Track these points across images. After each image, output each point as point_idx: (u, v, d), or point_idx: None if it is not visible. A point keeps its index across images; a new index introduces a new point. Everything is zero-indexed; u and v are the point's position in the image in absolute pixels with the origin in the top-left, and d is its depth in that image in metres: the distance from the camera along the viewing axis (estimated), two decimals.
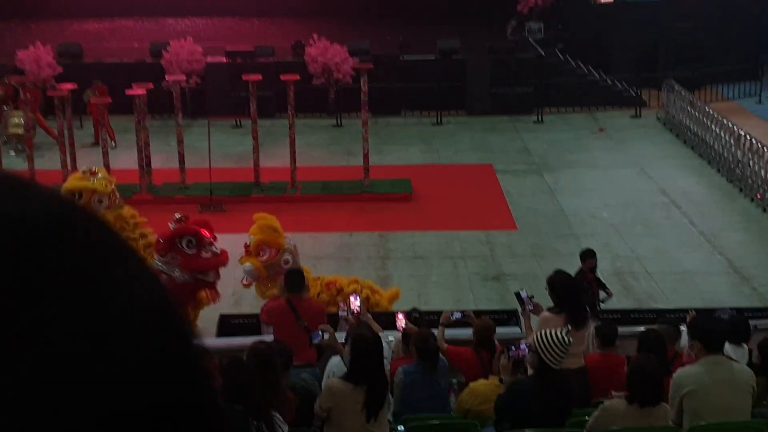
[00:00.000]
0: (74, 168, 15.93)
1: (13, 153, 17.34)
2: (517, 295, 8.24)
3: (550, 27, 23.88)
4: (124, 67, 21.17)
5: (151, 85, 16.71)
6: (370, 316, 8.16)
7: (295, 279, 8.29)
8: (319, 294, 9.76)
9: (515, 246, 13.95)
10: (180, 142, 16.12)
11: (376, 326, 7.59)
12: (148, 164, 16.05)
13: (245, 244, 9.88)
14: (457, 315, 7.94)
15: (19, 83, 17.77)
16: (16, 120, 17.50)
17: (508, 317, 9.42)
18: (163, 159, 16.94)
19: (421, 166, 17.95)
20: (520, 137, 20.01)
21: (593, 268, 10.45)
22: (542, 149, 19.08)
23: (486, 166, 17.99)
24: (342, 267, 12.73)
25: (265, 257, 9.60)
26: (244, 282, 10.02)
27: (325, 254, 13.38)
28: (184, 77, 18.36)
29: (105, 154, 15.74)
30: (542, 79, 21.50)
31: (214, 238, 9.95)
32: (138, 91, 15.97)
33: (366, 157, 16.16)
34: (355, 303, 8.06)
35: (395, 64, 21.55)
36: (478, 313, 8.54)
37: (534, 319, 7.95)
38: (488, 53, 22.16)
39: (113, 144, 17.47)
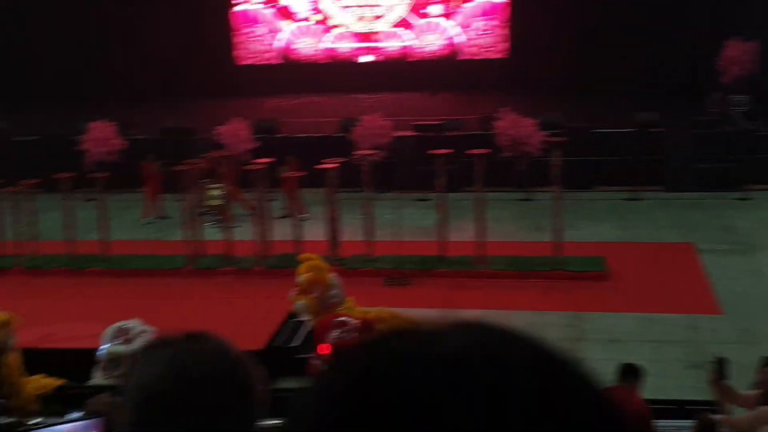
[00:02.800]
0: (269, 239, 16.73)
1: (210, 224, 18.39)
2: (721, 361, 7.68)
3: (756, 99, 23.11)
4: (316, 141, 22.10)
5: (341, 159, 17.41)
6: None
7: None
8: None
9: (721, 331, 13.37)
10: (368, 215, 16.60)
11: None
12: (337, 236, 16.58)
13: (296, 283, 10.89)
14: None
15: (219, 157, 18.95)
16: (215, 192, 18.60)
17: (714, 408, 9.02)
18: (351, 231, 17.47)
19: (615, 243, 17.63)
20: (724, 214, 19.33)
21: None
22: (749, 227, 18.34)
23: (686, 244, 17.45)
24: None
25: (314, 294, 10.65)
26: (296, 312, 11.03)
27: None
28: (373, 151, 18.95)
29: (297, 226, 16.43)
30: (749, 153, 20.77)
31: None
32: (329, 165, 16.66)
33: (557, 232, 16.07)
34: None
35: (588, 137, 21.42)
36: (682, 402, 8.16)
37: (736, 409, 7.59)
38: (691, 126, 21.65)
39: (304, 216, 18.18)
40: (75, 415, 7.47)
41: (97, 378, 9.44)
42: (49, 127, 23.96)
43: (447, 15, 27.96)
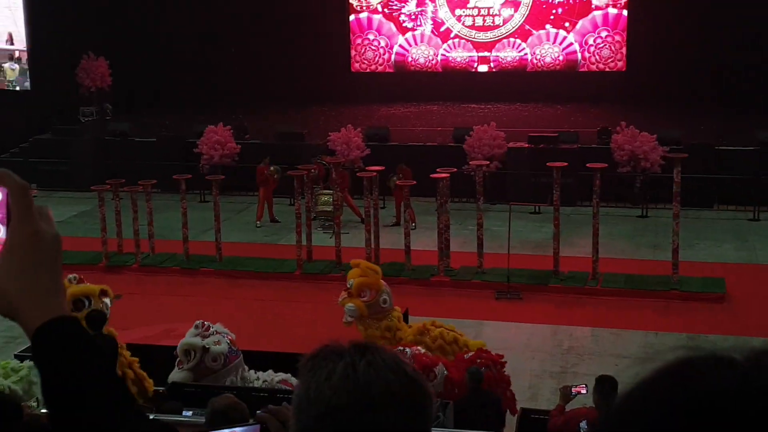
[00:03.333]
0: (377, 246, 16.78)
1: (320, 229, 18.58)
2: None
3: None
4: (428, 149, 22.09)
5: (454, 169, 17.35)
6: None
7: None
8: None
9: None
10: (479, 226, 16.49)
11: None
12: (447, 247, 16.53)
13: (347, 287, 10.85)
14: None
15: (331, 163, 19.12)
16: (326, 198, 18.80)
17: None
18: (461, 242, 17.37)
19: (736, 264, 17.06)
20: None
21: None
22: None
23: None
24: (646, 368, 12.28)
25: (365, 298, 10.64)
26: (346, 320, 10.85)
27: (627, 353, 13.00)
28: (486, 162, 18.83)
29: (406, 235, 16.45)
30: None
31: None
32: (441, 174, 16.62)
33: (675, 251, 15.63)
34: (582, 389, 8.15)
35: (708, 154, 20.81)
36: None
37: None
38: None
39: (413, 225, 18.18)
40: (189, 415, 7.57)
41: (174, 372, 9.55)
42: (168, 130, 24.61)
43: (565, 26, 27.62)
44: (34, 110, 25.87)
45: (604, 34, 27.43)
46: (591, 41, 27.50)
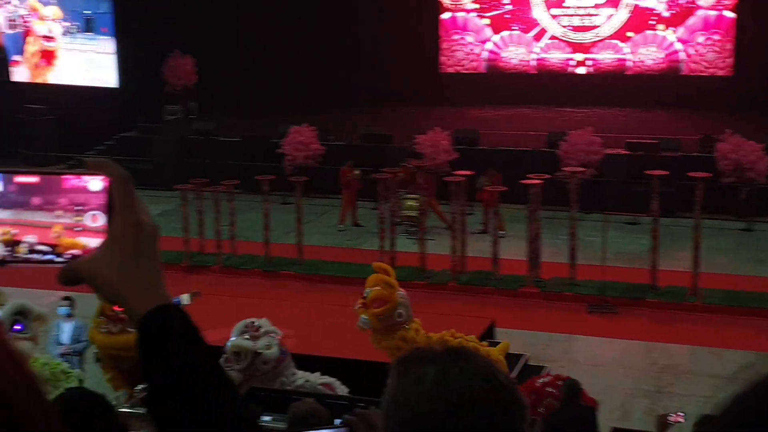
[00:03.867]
0: (464, 254, 16.61)
1: (405, 235, 18.46)
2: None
3: None
4: (520, 154, 21.81)
5: (546, 176, 17.05)
6: None
7: None
8: None
9: None
10: (572, 236, 16.17)
11: None
12: (537, 256, 16.25)
13: (363, 296, 10.59)
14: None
15: (417, 167, 19.00)
16: (411, 203, 18.67)
17: None
18: (552, 252, 17.07)
19: None
20: None
21: None
22: None
23: None
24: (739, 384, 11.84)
25: (379, 310, 10.42)
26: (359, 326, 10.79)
27: (726, 373, 12.54)
28: (581, 168, 18.48)
29: (494, 243, 16.22)
30: None
31: None
32: (533, 181, 16.34)
33: None
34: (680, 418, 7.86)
35: None
36: None
37: None
38: None
39: (503, 233, 17.92)
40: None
41: None
42: (252, 130, 24.82)
43: (668, 28, 27.00)
44: (121, 108, 26.43)
45: (710, 36, 26.72)
46: (696, 44, 26.81)
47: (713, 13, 26.64)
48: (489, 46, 28.43)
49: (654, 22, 27.01)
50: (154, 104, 26.76)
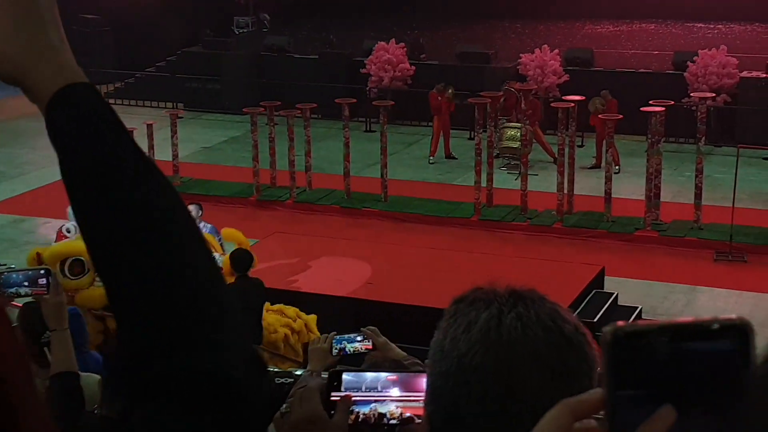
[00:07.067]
0: (571, 192, 16.68)
1: (504, 169, 18.55)
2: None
3: None
4: (641, 77, 21.65)
5: (671, 102, 16.95)
6: None
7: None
8: None
9: None
10: (699, 173, 16.09)
11: None
12: (657, 196, 16.22)
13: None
14: None
15: (521, 91, 19.01)
16: (512, 132, 18.72)
17: None
18: (675, 191, 16.99)
19: None
20: None
21: None
22: None
23: None
24: None
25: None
26: None
27: None
28: (712, 94, 18.31)
29: (607, 179, 16.24)
30: None
31: None
32: (655, 108, 16.26)
33: None
34: None
35: None
36: None
37: None
38: None
39: (617, 168, 17.88)
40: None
41: None
42: (332, 47, 25.00)
43: None
44: (184, 19, 26.83)
45: None
46: None
47: None
48: None
49: None
50: (222, 16, 27.13)
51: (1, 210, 17.75)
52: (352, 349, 4.76)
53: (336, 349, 4.85)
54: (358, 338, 4.76)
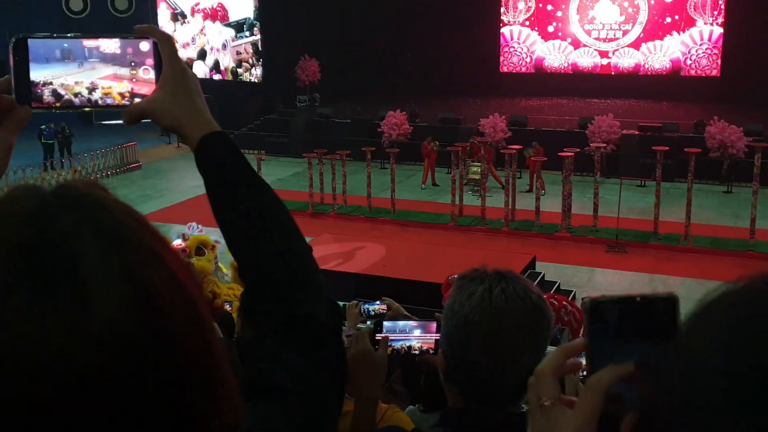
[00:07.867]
0: (513, 207, 16.63)
1: (470, 193, 18.56)
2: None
3: None
4: (558, 134, 21.60)
5: (578, 149, 16.94)
6: None
7: None
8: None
9: None
10: (596, 195, 16.08)
11: None
12: (569, 209, 16.21)
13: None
14: None
15: (480, 142, 19.01)
16: (475, 168, 18.72)
17: None
18: (580, 207, 17.01)
19: None
20: None
21: None
22: None
23: None
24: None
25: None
26: None
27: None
28: (604, 144, 18.27)
29: (537, 199, 16.22)
30: None
31: None
32: (567, 153, 16.27)
33: (753, 220, 14.80)
34: None
35: None
36: None
37: None
38: None
39: (543, 192, 17.89)
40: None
41: None
42: (359, 114, 25.01)
43: (671, 39, 26.21)
44: (265, 97, 26.90)
45: (703, 46, 25.95)
46: (692, 52, 26.05)
47: (709, 28, 25.79)
48: (537, 52, 28.03)
49: (661, 34, 26.27)
50: (289, 95, 27.19)
51: (150, 219, 17.70)
52: (373, 311, 4.77)
53: (363, 310, 4.85)
54: (377, 303, 4.77)
